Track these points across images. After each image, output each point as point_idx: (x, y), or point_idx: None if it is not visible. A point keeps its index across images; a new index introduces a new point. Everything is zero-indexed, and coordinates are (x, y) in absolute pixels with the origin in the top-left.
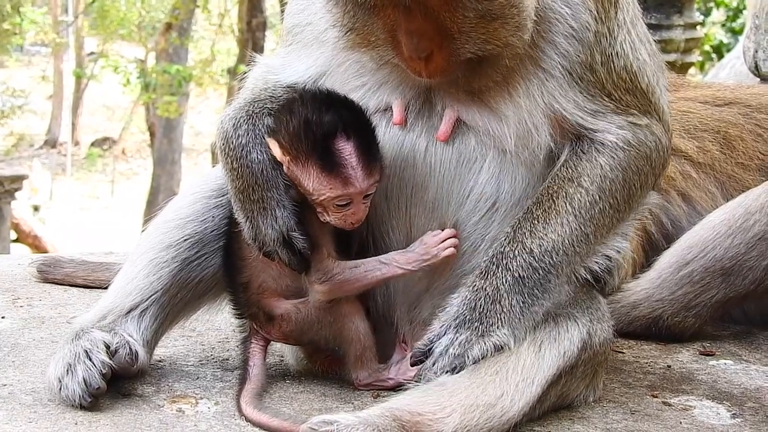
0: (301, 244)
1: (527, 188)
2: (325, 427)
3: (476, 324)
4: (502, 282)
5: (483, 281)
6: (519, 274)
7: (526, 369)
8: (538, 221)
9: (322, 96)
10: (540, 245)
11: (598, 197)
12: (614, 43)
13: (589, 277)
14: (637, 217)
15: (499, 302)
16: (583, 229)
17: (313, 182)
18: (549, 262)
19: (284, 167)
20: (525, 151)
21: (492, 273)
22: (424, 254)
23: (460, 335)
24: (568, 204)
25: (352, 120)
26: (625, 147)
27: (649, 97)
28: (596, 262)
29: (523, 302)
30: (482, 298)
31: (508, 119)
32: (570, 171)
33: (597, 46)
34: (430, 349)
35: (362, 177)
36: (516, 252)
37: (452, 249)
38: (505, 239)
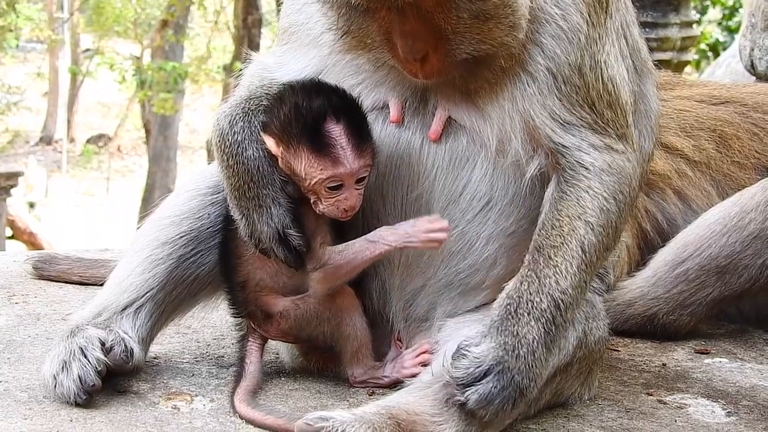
0: (297, 241)
1: (521, 188)
2: (321, 423)
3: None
4: (529, 331)
5: (512, 321)
6: (544, 324)
7: None
8: (559, 273)
9: (312, 84)
10: (563, 300)
11: (600, 236)
12: (602, 50)
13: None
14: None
15: (527, 353)
16: (587, 277)
17: (304, 165)
18: (568, 319)
19: (279, 161)
20: (506, 156)
21: (517, 318)
22: (411, 236)
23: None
24: (579, 248)
25: (341, 104)
26: (609, 171)
27: (627, 118)
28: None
29: (546, 350)
30: (510, 351)
31: (492, 121)
32: (575, 207)
33: (587, 49)
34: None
35: (352, 157)
36: (544, 306)
37: (437, 242)
38: (526, 283)
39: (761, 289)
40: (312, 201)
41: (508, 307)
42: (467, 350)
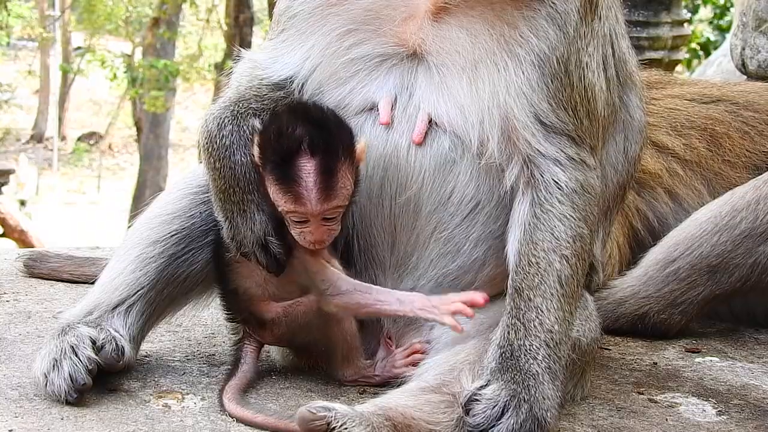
0: (277, 249)
1: (507, 192)
2: (324, 412)
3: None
4: (531, 367)
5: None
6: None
7: None
8: (542, 312)
9: (305, 109)
10: (551, 339)
11: (576, 266)
12: (585, 50)
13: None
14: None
15: (536, 385)
16: (570, 308)
17: (272, 191)
18: (563, 353)
19: (260, 168)
20: (485, 158)
21: (515, 360)
22: (436, 308)
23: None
24: (557, 283)
25: (322, 140)
26: (581, 192)
27: (599, 131)
28: None
29: (553, 381)
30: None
31: (472, 118)
32: (549, 240)
33: (574, 44)
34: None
35: (316, 199)
36: (536, 346)
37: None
38: (513, 332)
39: (752, 288)
40: (285, 222)
41: (504, 354)
42: (478, 394)
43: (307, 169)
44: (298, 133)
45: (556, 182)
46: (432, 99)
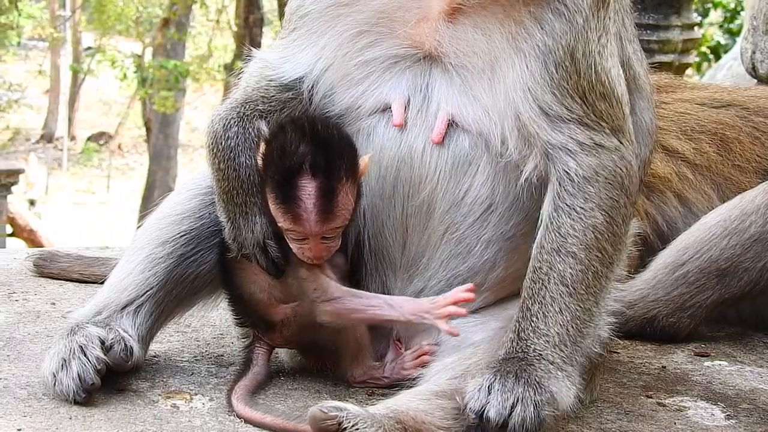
0: (275, 253)
1: (521, 192)
2: (335, 412)
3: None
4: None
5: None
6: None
7: None
8: (537, 318)
9: (310, 124)
10: (548, 341)
11: (587, 261)
12: (597, 41)
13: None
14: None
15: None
16: (583, 305)
17: (272, 208)
18: (561, 355)
19: (263, 178)
20: (506, 157)
21: (509, 359)
22: (428, 312)
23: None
24: (560, 284)
25: (324, 161)
26: (595, 178)
27: (623, 109)
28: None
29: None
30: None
31: (494, 117)
32: (553, 238)
33: (582, 34)
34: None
35: (314, 221)
36: (527, 344)
37: (448, 321)
38: (509, 342)
39: (761, 292)
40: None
41: (499, 360)
42: (472, 388)
43: (308, 191)
44: (300, 152)
45: (566, 172)
46: (454, 100)
